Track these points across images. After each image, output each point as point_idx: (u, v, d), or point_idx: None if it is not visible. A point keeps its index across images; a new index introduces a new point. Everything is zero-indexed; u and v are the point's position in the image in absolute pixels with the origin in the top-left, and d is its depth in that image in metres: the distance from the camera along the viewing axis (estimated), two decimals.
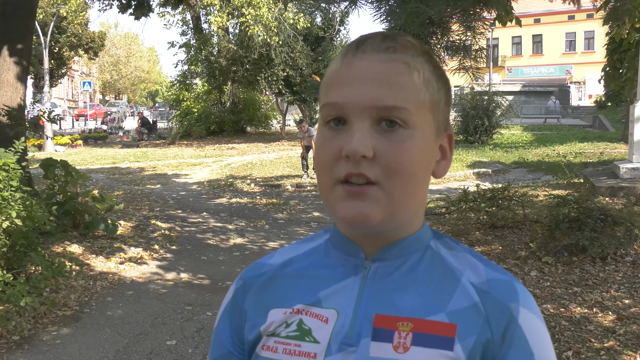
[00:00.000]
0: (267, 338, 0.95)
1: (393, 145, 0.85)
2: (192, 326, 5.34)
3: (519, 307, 0.89)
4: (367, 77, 0.86)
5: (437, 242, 0.97)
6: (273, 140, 26.90)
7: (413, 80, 0.87)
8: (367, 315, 0.90)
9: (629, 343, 4.46)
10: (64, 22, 35.48)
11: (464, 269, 0.93)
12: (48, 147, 22.55)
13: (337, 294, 0.93)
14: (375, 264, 0.93)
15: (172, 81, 31.75)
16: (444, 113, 0.93)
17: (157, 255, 7.78)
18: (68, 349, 4.84)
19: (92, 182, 12.01)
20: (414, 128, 0.87)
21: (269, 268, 1.02)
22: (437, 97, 0.91)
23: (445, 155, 0.95)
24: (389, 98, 0.85)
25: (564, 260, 6.52)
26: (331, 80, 0.90)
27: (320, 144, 0.90)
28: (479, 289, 0.90)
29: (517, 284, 0.92)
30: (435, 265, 0.94)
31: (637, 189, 9.98)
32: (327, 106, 0.89)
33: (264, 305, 0.98)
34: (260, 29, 23.13)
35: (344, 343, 0.89)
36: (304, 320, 0.93)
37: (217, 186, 14.07)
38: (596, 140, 22.93)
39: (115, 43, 68.10)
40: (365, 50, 0.88)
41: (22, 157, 6.69)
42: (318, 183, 0.92)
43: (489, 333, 0.87)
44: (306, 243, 1.04)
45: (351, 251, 0.95)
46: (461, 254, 0.96)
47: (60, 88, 55.87)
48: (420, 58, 0.90)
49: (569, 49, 52.54)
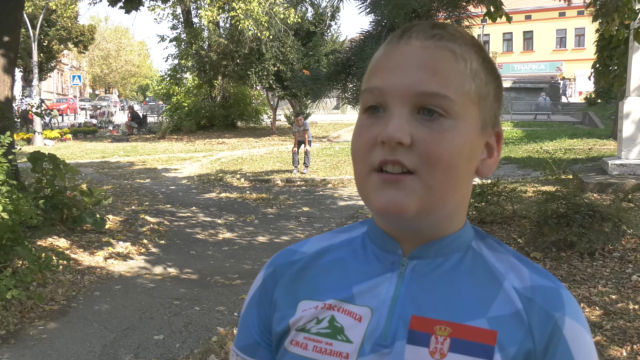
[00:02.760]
0: (296, 333, 0.91)
1: (433, 134, 0.81)
2: (180, 321, 5.32)
3: (564, 317, 0.85)
4: (409, 63, 0.83)
5: (479, 243, 0.93)
6: (263, 135, 26.86)
7: (459, 69, 0.84)
8: (402, 316, 0.86)
9: (616, 338, 4.48)
10: (54, 15, 35.22)
11: (507, 273, 0.89)
12: (37, 141, 22.41)
13: (372, 291, 0.89)
14: (413, 262, 0.89)
15: (163, 75, 31.64)
16: (492, 108, 0.89)
17: (145, 250, 7.75)
18: (55, 343, 4.81)
19: (81, 176, 11.94)
20: (456, 118, 0.82)
21: (302, 256, 0.98)
22: (484, 90, 0.87)
23: (492, 153, 0.90)
24: (431, 84, 0.81)
25: (552, 255, 6.55)
26: (374, 66, 0.87)
27: (357, 132, 0.86)
28: (522, 295, 0.86)
29: (563, 292, 0.87)
30: (477, 267, 0.89)
31: (626, 185, 10.03)
32: (366, 92, 0.86)
33: (294, 296, 0.94)
34: (250, 23, 23.06)
35: (377, 344, 0.85)
36: (336, 317, 0.89)
37: (207, 181, 14.04)
38: (586, 137, 23.00)
39: (105, 37, 67.74)
40: (411, 36, 0.85)
41: (9, 150, 6.63)
42: (354, 173, 0.88)
43: (531, 343, 0.83)
44: (342, 233, 1.00)
45: (389, 247, 0.91)
46: (505, 256, 0.91)
47: (50, 82, 55.58)
48: (469, 48, 0.86)
49: (559, 46, 52.74)
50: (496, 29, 49.48)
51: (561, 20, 51.00)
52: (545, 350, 0.83)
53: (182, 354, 4.65)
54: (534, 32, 52.84)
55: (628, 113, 11.67)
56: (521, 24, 51.58)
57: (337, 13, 27.57)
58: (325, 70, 6.28)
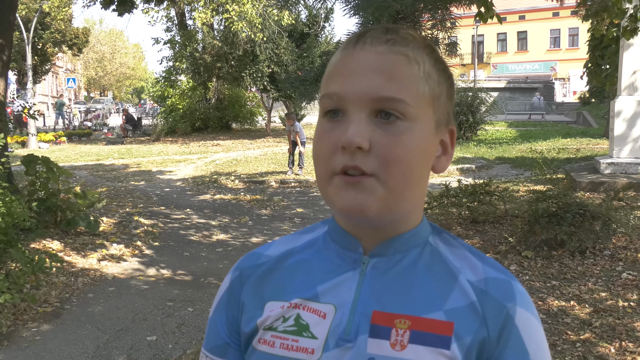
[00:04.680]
0: (264, 332, 0.95)
1: (389, 137, 0.85)
2: (173, 322, 5.34)
3: (515, 307, 0.89)
4: (365, 68, 0.86)
5: (436, 238, 0.97)
6: (258, 136, 26.86)
7: (412, 73, 0.87)
8: (365, 312, 0.90)
9: (605, 335, 4.52)
10: (48, 18, 35.12)
11: (462, 267, 0.93)
12: (31, 143, 22.37)
13: (335, 289, 0.93)
14: (374, 259, 0.93)
15: (157, 78, 31.60)
16: (445, 107, 0.92)
17: (139, 252, 7.77)
18: (48, 345, 4.83)
19: (75, 179, 11.96)
20: (412, 121, 0.86)
21: (267, 259, 1.01)
22: (437, 90, 0.90)
23: (446, 150, 0.94)
24: (387, 89, 0.85)
25: (543, 254, 6.59)
26: (331, 72, 0.90)
27: (318, 136, 0.89)
28: (476, 288, 0.90)
29: (514, 283, 0.92)
30: (433, 262, 0.93)
31: (617, 184, 10.09)
32: (325, 97, 0.89)
33: (261, 298, 0.97)
34: (244, 25, 23.08)
35: (341, 339, 0.89)
36: (301, 315, 0.93)
37: (202, 182, 14.05)
38: (579, 136, 23.10)
39: (99, 39, 67.67)
40: (365, 42, 0.88)
41: (2, 153, 6.65)
42: (316, 175, 0.91)
43: (485, 332, 0.87)
44: (304, 235, 1.03)
45: (350, 245, 0.94)
46: (459, 250, 0.96)
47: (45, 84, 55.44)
48: (422, 51, 0.89)
49: (553, 46, 52.89)
50: (490, 29, 49.62)
51: (555, 20, 51.17)
52: (498, 338, 0.88)
53: (174, 354, 4.67)
54: (528, 32, 53.00)
55: (619, 112, 11.74)
56: (515, 24, 51.74)
57: (330, 15, 27.62)
58: (314, 72, 6.31)
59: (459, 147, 20.38)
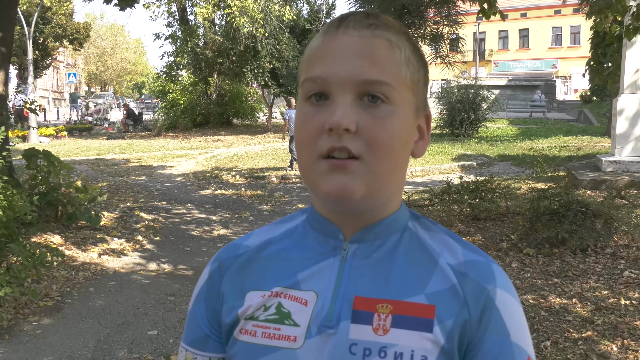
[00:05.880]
0: (245, 322, 0.94)
1: (375, 121, 0.84)
2: (174, 316, 5.34)
3: (495, 289, 0.90)
4: (350, 52, 0.86)
5: (415, 223, 0.97)
6: (259, 132, 26.84)
7: (395, 57, 0.87)
8: (346, 298, 0.89)
9: (607, 333, 4.51)
10: (49, 12, 35.11)
11: (441, 250, 0.93)
12: (32, 138, 22.37)
13: (316, 276, 0.92)
14: (354, 246, 0.93)
15: (158, 73, 31.59)
16: (423, 93, 0.93)
17: (140, 246, 7.76)
18: (49, 339, 4.82)
19: (76, 173, 11.97)
20: (395, 105, 0.86)
21: (246, 250, 1.00)
22: (417, 76, 0.91)
23: (423, 135, 0.95)
24: (372, 72, 0.85)
25: (545, 252, 6.58)
26: (313, 55, 0.89)
27: (300, 121, 0.88)
28: (456, 271, 0.90)
29: (494, 265, 0.93)
30: (413, 246, 0.94)
31: (619, 182, 10.08)
32: (308, 81, 0.88)
33: (241, 288, 0.96)
34: (246, 20, 23.04)
35: (323, 325, 0.89)
36: (282, 304, 0.92)
37: (202, 178, 14.04)
38: (580, 134, 23.07)
39: (100, 34, 67.56)
40: (348, 26, 0.88)
41: (3, 146, 6.64)
42: (298, 161, 0.91)
43: (466, 314, 0.88)
44: (283, 224, 1.03)
45: (330, 232, 0.94)
46: (438, 234, 0.96)
47: (45, 79, 55.40)
48: (401, 37, 0.90)
49: (555, 44, 52.79)
50: (492, 26, 49.53)
51: (557, 18, 51.07)
52: (480, 319, 0.88)
53: (175, 349, 4.66)
54: (530, 29, 52.88)
55: (621, 110, 11.72)
56: (517, 22, 51.63)
57: (332, 10, 27.57)
58: None
59: (460, 144, 20.37)
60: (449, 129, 23.24)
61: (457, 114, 22.86)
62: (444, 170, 14.59)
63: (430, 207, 8.95)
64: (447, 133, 23.19)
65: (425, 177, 13.56)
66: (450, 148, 18.95)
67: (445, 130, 23.37)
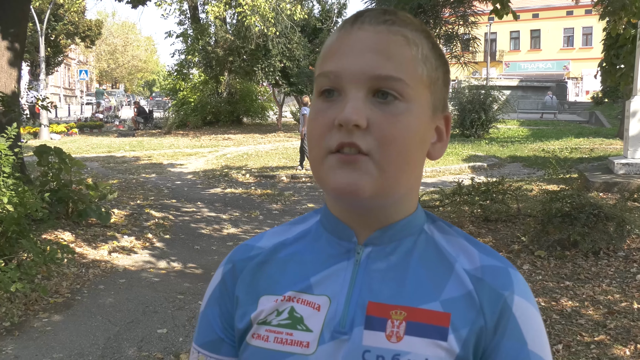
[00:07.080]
0: (258, 326, 0.92)
1: (387, 117, 0.83)
2: (184, 315, 5.34)
3: (513, 295, 0.87)
4: (364, 47, 0.84)
5: (431, 226, 0.94)
6: (269, 131, 26.85)
7: (411, 54, 0.85)
8: (360, 303, 0.87)
9: (619, 337, 4.47)
10: (61, 9, 35.25)
11: (457, 255, 0.90)
12: (43, 134, 22.46)
13: (329, 280, 0.90)
14: (368, 249, 0.90)
15: (169, 71, 31.67)
16: (442, 93, 0.91)
17: (150, 244, 7.77)
18: (59, 335, 4.83)
19: (86, 171, 11.99)
20: (409, 102, 0.84)
21: (259, 251, 0.98)
22: (435, 74, 0.89)
23: (441, 137, 0.92)
24: (385, 68, 0.83)
25: (556, 254, 6.53)
26: (328, 51, 0.88)
27: (313, 116, 0.87)
28: (472, 276, 0.88)
29: (511, 271, 0.90)
30: (429, 250, 0.91)
31: (631, 185, 10.01)
32: (321, 76, 0.87)
33: (255, 292, 0.95)
34: (257, 19, 23.06)
35: (336, 331, 0.87)
36: (295, 308, 0.90)
37: (212, 176, 14.05)
38: (592, 136, 22.93)
39: (112, 32, 67.84)
40: (364, 22, 0.86)
41: (15, 143, 6.66)
42: (309, 157, 0.89)
43: (482, 321, 0.85)
44: (296, 225, 1.01)
45: (343, 235, 0.92)
46: (455, 238, 0.93)
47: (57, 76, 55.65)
48: (420, 34, 0.88)
49: (567, 45, 52.54)
50: (503, 27, 49.38)
51: (569, 19, 50.82)
52: (495, 327, 0.86)
53: (185, 347, 4.66)
54: (541, 30, 52.65)
55: (634, 112, 11.63)
56: (528, 23, 51.41)
57: (343, 10, 27.55)
58: None
59: (471, 145, 20.29)
60: (460, 129, 23.17)
61: (468, 115, 22.78)
62: (454, 171, 14.54)
63: (441, 207, 8.90)
64: (457, 134, 23.12)
65: (436, 177, 13.52)
66: (461, 149, 18.88)
67: (456, 130, 23.29)
